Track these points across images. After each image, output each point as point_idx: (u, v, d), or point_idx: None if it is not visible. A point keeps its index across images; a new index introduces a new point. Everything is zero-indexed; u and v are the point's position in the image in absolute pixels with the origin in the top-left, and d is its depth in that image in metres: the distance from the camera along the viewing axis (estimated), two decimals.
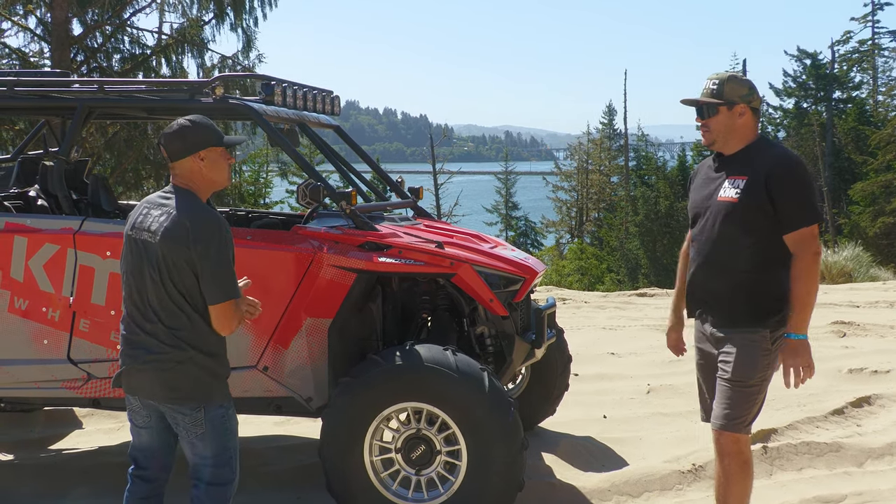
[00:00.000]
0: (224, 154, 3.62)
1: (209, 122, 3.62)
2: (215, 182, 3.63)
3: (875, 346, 9.10)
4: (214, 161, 3.59)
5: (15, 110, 6.55)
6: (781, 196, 3.80)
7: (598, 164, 51.02)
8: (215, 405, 3.57)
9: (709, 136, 4.03)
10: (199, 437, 3.56)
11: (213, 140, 3.57)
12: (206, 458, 3.59)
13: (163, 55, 18.82)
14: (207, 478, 3.59)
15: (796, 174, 3.84)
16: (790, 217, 3.80)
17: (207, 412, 3.55)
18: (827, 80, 38.20)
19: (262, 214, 6.65)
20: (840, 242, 24.63)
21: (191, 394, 3.53)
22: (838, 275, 16.64)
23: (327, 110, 5.94)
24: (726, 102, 3.95)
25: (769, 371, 3.95)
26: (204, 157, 3.56)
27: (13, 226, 5.11)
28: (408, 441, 4.67)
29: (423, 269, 4.87)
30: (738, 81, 3.98)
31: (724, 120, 3.97)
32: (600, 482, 5.40)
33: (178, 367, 3.50)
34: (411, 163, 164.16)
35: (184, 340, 3.49)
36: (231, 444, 3.64)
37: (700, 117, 4.03)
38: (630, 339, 9.78)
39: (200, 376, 3.52)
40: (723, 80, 3.98)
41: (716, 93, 3.97)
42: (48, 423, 6.69)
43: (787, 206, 3.80)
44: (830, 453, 5.77)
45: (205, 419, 3.54)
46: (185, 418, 3.55)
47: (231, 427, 3.64)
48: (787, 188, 3.80)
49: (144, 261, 3.51)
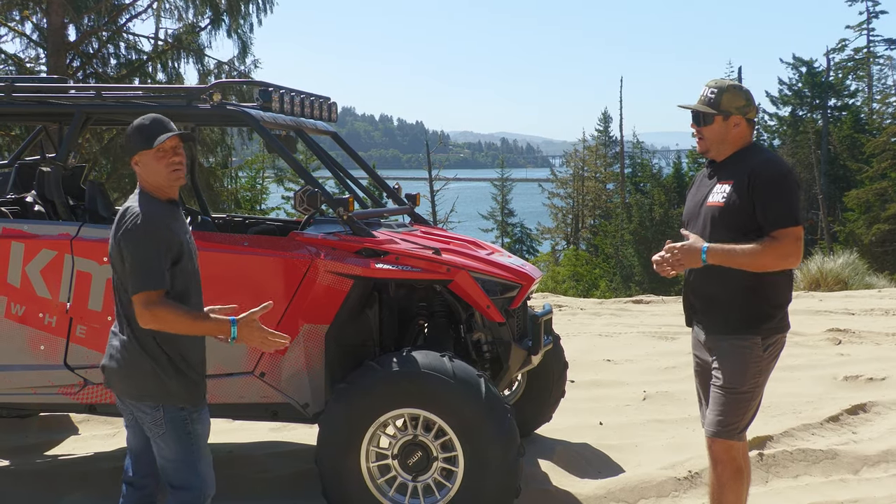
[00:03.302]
0: (157, 155, 3.50)
1: (145, 123, 3.52)
2: (155, 185, 3.55)
3: (870, 353, 9.12)
4: (146, 164, 3.52)
5: (13, 116, 6.54)
6: (761, 198, 3.79)
7: (593, 171, 51.09)
8: (175, 407, 3.55)
9: (703, 143, 4.04)
10: (161, 438, 3.56)
11: (140, 144, 3.49)
12: (169, 461, 3.59)
13: (158, 61, 18.83)
14: (171, 481, 3.59)
15: (778, 178, 3.83)
16: (770, 219, 3.78)
17: (167, 412, 3.53)
18: (822, 87, 38.32)
19: (258, 220, 6.66)
20: (835, 250, 24.67)
21: (149, 392, 3.53)
22: (834, 282, 16.66)
23: (324, 117, 5.94)
24: (722, 113, 3.95)
25: (761, 378, 3.95)
26: (137, 161, 3.54)
27: (10, 231, 5.11)
28: (404, 447, 4.67)
29: (420, 275, 4.87)
30: (736, 92, 3.98)
31: (718, 129, 3.97)
32: (596, 489, 5.40)
33: (137, 364, 3.51)
34: (407, 169, 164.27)
35: (140, 337, 3.50)
36: (195, 449, 3.59)
37: (695, 124, 4.03)
38: (626, 346, 9.79)
39: (158, 374, 3.51)
40: (721, 90, 3.97)
41: (713, 102, 3.96)
42: (44, 428, 6.67)
43: (767, 208, 3.78)
44: (826, 460, 5.78)
45: (164, 419, 3.53)
46: (146, 417, 3.56)
47: (196, 432, 3.60)
48: (767, 191, 3.79)
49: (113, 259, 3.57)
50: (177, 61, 18.98)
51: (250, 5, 18.89)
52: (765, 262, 3.77)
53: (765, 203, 3.79)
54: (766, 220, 3.79)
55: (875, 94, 42.19)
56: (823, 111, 38.17)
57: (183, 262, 3.56)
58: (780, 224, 3.77)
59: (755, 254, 3.74)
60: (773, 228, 3.77)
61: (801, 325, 10.37)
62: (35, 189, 5.89)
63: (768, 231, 3.78)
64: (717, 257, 3.75)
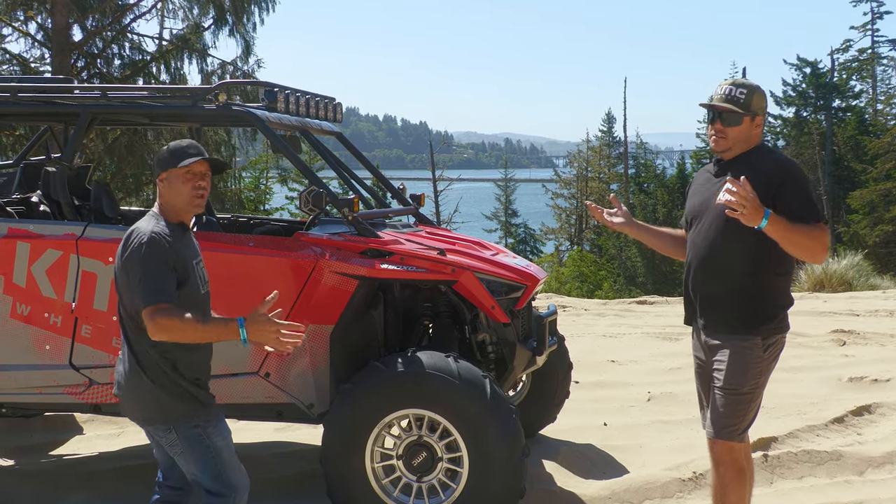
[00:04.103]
0: (185, 176, 3.55)
1: (181, 144, 3.59)
2: (174, 205, 3.59)
3: (875, 354, 9.11)
4: (171, 183, 3.56)
5: (18, 116, 6.55)
6: (784, 197, 3.77)
7: (597, 172, 51.09)
8: (187, 425, 3.55)
9: (724, 142, 3.97)
10: (181, 457, 3.59)
11: (170, 162, 3.54)
12: (195, 474, 3.61)
13: (162, 61, 18.85)
14: (205, 488, 3.61)
15: (797, 177, 3.85)
16: (798, 216, 3.75)
17: (179, 432, 3.54)
18: (826, 88, 38.24)
19: (263, 221, 6.66)
20: (839, 251, 24.63)
21: (157, 416, 3.54)
22: (838, 283, 16.63)
23: (329, 117, 5.95)
24: (750, 113, 3.93)
25: (762, 378, 3.95)
26: (164, 178, 3.57)
27: (16, 231, 5.12)
28: (409, 448, 4.67)
29: (425, 276, 4.87)
30: (762, 93, 3.98)
31: (745, 130, 3.94)
32: (601, 490, 5.40)
33: (141, 390, 3.52)
34: (411, 169, 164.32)
35: (141, 360, 3.51)
36: (217, 461, 3.59)
37: (720, 123, 3.95)
38: (630, 346, 9.78)
39: (161, 397, 3.51)
40: (752, 90, 3.94)
41: (743, 103, 3.92)
42: (48, 428, 6.68)
43: (792, 206, 3.75)
44: (831, 462, 5.78)
45: (178, 439, 3.55)
46: (162, 440, 3.59)
47: (212, 444, 3.59)
48: (789, 189, 3.79)
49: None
50: (180, 61, 19.00)
51: (252, 4, 18.91)
52: (813, 247, 3.75)
53: (789, 201, 3.76)
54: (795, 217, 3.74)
55: (879, 95, 42.12)
56: (827, 112, 38.09)
57: (190, 286, 3.55)
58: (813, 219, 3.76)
59: (809, 235, 3.72)
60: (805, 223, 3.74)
61: (806, 327, 10.36)
62: (40, 189, 5.91)
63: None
64: (777, 223, 3.66)
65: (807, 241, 3.72)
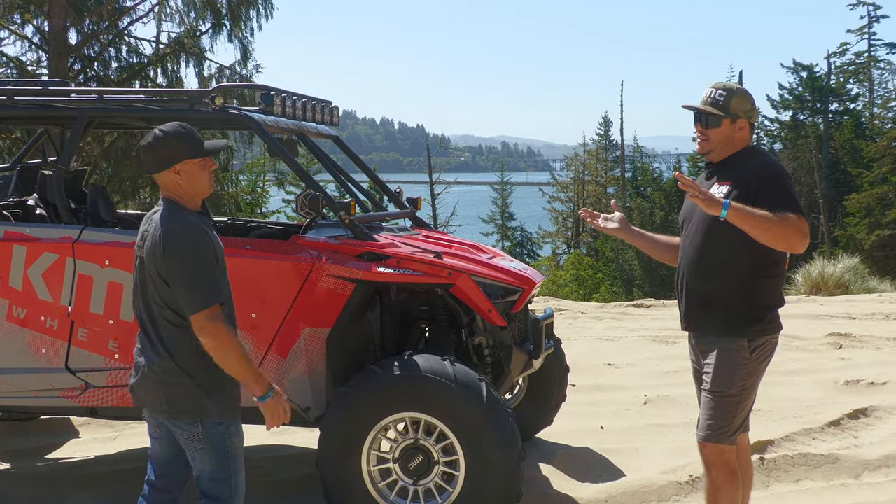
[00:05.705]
0: (201, 164, 3.50)
1: (183, 130, 3.50)
2: (195, 194, 3.54)
3: (871, 357, 9.11)
4: (190, 173, 3.48)
5: (15, 119, 6.55)
6: (764, 190, 3.77)
7: (594, 175, 51.11)
8: (213, 421, 3.52)
9: (707, 144, 4.03)
10: (199, 452, 3.54)
11: (187, 152, 3.46)
12: (205, 473, 3.57)
13: (159, 64, 18.83)
14: (205, 490, 3.58)
15: (778, 177, 3.84)
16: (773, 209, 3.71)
17: (205, 428, 3.51)
18: (823, 92, 38.31)
19: (260, 224, 6.66)
20: (836, 254, 24.66)
21: (186, 408, 3.50)
22: (834, 287, 16.66)
23: (326, 120, 5.95)
24: (730, 115, 3.96)
25: (750, 380, 3.95)
26: (179, 170, 3.48)
27: (12, 234, 5.11)
28: (406, 451, 4.67)
29: (422, 279, 4.88)
30: (744, 96, 3.99)
31: (725, 132, 3.98)
32: (597, 493, 5.40)
33: (173, 381, 3.48)
34: (408, 173, 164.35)
35: (177, 354, 3.47)
36: (231, 463, 3.57)
37: (701, 125, 4.02)
38: (627, 349, 9.79)
39: (193, 391, 3.48)
40: (731, 92, 3.97)
41: (722, 105, 3.96)
42: (45, 431, 6.67)
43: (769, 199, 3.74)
44: (827, 465, 5.78)
45: (203, 435, 3.51)
46: (184, 433, 3.54)
47: (233, 445, 3.58)
48: (769, 184, 3.79)
49: (142, 275, 3.52)
50: (177, 65, 18.97)
51: (251, 10, 18.89)
52: (787, 233, 3.69)
53: (767, 195, 3.75)
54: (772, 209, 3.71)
55: (876, 99, 42.23)
56: (824, 115, 38.16)
57: (226, 280, 3.56)
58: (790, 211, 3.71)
59: (782, 222, 3.67)
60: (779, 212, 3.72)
61: (802, 330, 10.37)
62: (37, 192, 5.90)
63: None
64: (740, 210, 3.65)
65: (779, 227, 3.67)
